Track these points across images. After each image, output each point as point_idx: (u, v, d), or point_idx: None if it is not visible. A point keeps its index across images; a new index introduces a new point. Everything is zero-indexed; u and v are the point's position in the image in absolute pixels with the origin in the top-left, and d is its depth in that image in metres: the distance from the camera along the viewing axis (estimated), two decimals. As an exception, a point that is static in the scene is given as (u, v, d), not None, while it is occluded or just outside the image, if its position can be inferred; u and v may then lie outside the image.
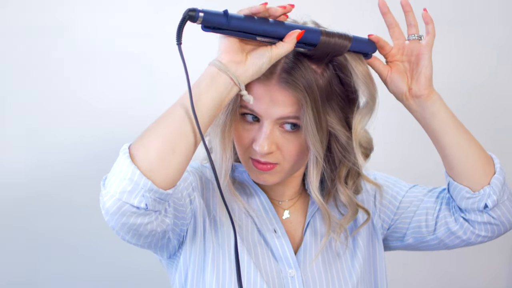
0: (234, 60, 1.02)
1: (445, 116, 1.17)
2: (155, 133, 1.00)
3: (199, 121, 1.00)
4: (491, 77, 2.00)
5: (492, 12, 1.98)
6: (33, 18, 1.72)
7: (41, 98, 1.74)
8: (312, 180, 1.16)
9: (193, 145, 1.01)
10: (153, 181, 0.98)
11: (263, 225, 1.23)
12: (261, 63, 1.04)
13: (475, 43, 1.99)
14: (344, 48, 1.09)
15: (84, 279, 1.83)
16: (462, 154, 1.19)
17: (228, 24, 1.01)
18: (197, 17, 0.99)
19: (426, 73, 1.14)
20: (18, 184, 1.75)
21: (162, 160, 0.98)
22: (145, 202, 0.98)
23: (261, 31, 1.03)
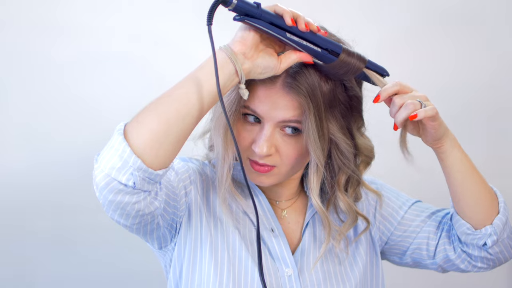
0: (246, 53, 1.03)
1: (454, 158, 1.18)
2: (151, 112, 1.00)
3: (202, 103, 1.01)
4: (491, 78, 2.00)
5: (493, 13, 1.98)
6: (32, 18, 1.72)
7: (41, 99, 1.74)
8: (313, 186, 1.17)
9: (189, 127, 1.01)
10: (143, 160, 0.98)
11: (260, 224, 1.23)
12: (268, 65, 1.05)
13: (476, 43, 1.98)
14: (358, 69, 1.09)
15: (84, 279, 1.83)
16: (467, 195, 1.21)
17: (259, 13, 1.02)
18: (230, 2, 1.01)
19: (436, 135, 1.14)
20: (17, 184, 1.75)
21: (154, 140, 0.98)
22: (133, 180, 0.98)
23: (292, 29, 1.04)
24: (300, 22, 1.04)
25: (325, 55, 1.07)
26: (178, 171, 1.20)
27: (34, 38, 1.72)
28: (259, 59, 1.05)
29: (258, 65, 1.04)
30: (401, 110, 1.08)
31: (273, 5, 1.05)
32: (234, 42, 1.04)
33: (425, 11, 1.94)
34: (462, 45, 1.98)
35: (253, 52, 1.04)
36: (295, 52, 1.07)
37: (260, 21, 1.02)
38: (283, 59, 1.06)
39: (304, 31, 1.04)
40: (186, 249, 1.21)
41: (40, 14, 1.73)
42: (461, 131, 2.00)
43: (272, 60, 1.05)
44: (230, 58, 1.02)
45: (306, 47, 1.06)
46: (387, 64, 1.90)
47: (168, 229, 1.19)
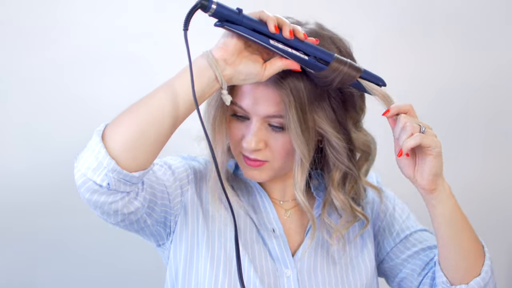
0: (226, 59, 1.02)
1: (444, 212, 1.13)
2: (128, 116, 1.01)
3: (179, 106, 1.01)
4: (491, 78, 2.00)
5: (493, 13, 1.98)
6: (32, 18, 1.72)
7: (41, 99, 1.74)
8: (297, 181, 1.15)
9: (165, 133, 1.02)
10: (118, 161, 0.98)
11: (262, 224, 1.23)
12: (250, 72, 1.04)
13: (476, 43, 1.98)
14: (351, 79, 1.07)
15: (84, 279, 1.83)
16: (453, 250, 1.16)
17: (240, 20, 1.00)
18: (209, 8, 0.99)
19: (432, 170, 1.09)
20: (17, 184, 1.75)
21: (129, 143, 0.99)
22: (108, 181, 0.99)
23: (276, 35, 1.02)
24: (285, 29, 1.02)
25: (314, 63, 1.05)
26: (176, 170, 1.21)
27: (34, 38, 1.73)
28: (241, 66, 1.04)
29: (240, 72, 1.04)
30: (402, 132, 1.06)
31: (259, 11, 1.03)
32: (216, 48, 1.03)
33: (424, 10, 1.94)
34: (462, 45, 1.98)
35: (235, 58, 1.03)
36: (281, 59, 1.05)
37: (241, 28, 1.00)
38: (268, 66, 1.05)
39: (289, 38, 1.02)
40: (182, 249, 1.21)
41: (40, 14, 1.73)
42: (460, 132, 2.02)
43: (256, 67, 1.04)
44: (210, 64, 1.01)
45: (292, 55, 1.04)
46: (384, 62, 1.92)
47: (161, 227, 1.19)
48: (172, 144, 1.08)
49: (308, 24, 1.16)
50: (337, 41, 1.15)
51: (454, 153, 1.99)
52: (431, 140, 1.06)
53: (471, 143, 2.00)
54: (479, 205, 2.03)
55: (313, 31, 1.13)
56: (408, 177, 1.12)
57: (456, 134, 1.99)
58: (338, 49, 1.13)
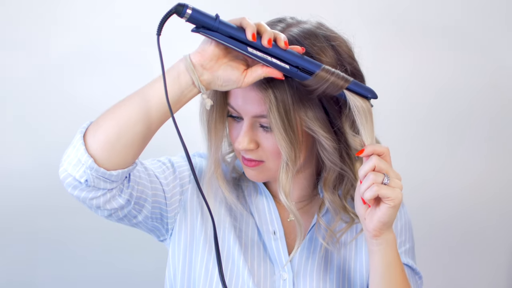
0: (204, 64, 1.01)
1: (382, 261, 1.10)
2: (106, 116, 1.02)
3: (151, 113, 1.01)
4: (492, 79, 2.00)
5: (493, 13, 1.98)
6: (32, 18, 1.72)
7: (41, 99, 1.74)
8: (282, 182, 1.13)
9: (142, 135, 1.02)
10: (96, 159, 1.00)
11: (263, 225, 1.23)
12: (229, 78, 1.03)
13: (476, 44, 1.98)
14: (338, 89, 1.05)
15: (84, 279, 1.83)
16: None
17: (216, 27, 0.98)
18: (184, 13, 0.97)
19: (382, 218, 1.06)
20: (17, 184, 1.75)
21: (106, 142, 1.00)
22: (86, 178, 1.01)
23: (254, 43, 1.00)
24: (263, 37, 1.00)
25: (295, 73, 1.03)
26: (178, 169, 1.21)
27: (34, 38, 1.72)
28: (219, 71, 1.02)
29: (218, 77, 1.03)
30: (363, 182, 1.04)
31: (240, 18, 1.01)
32: (195, 52, 1.02)
33: (424, 10, 1.93)
34: (462, 45, 1.98)
35: (213, 64, 1.02)
36: (262, 67, 1.03)
37: (217, 34, 0.99)
38: (249, 73, 1.04)
39: (266, 47, 1.00)
40: (181, 248, 1.21)
41: (40, 13, 1.72)
42: (461, 132, 2.02)
43: (235, 74, 1.03)
44: (187, 68, 1.01)
45: (272, 63, 1.02)
46: (385, 63, 1.92)
47: (158, 223, 1.19)
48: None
49: (305, 24, 1.14)
50: (334, 40, 1.13)
51: (454, 154, 1.99)
52: (391, 191, 1.03)
53: (472, 143, 2.00)
54: (480, 205, 2.03)
55: (307, 30, 1.11)
56: (359, 214, 1.10)
57: (457, 134, 1.99)
58: (332, 48, 1.11)
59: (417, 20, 1.93)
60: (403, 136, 1.94)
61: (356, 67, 1.14)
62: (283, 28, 1.12)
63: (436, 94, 1.96)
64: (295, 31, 1.11)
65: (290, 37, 1.09)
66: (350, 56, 1.14)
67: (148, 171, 1.15)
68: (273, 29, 1.12)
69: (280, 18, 1.16)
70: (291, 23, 1.14)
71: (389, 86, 1.90)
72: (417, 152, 1.97)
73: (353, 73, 1.13)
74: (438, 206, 2.00)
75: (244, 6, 1.81)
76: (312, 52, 1.09)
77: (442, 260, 2.05)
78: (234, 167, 1.26)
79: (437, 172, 1.99)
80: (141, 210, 1.13)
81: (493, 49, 1.99)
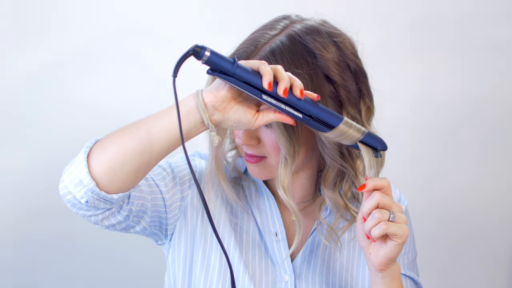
0: (216, 105, 0.99)
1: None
2: (113, 140, 1.00)
3: (156, 147, 1.00)
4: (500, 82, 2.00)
5: (494, 14, 1.97)
6: (32, 18, 1.71)
7: (41, 98, 1.73)
8: (280, 177, 1.11)
9: (145, 165, 1.01)
10: (98, 183, 0.99)
11: (265, 226, 1.22)
12: (240, 120, 1.01)
13: (482, 46, 1.97)
14: (353, 140, 1.04)
15: (84, 279, 1.82)
16: None
17: (233, 71, 0.95)
18: (202, 55, 0.94)
19: (389, 255, 1.05)
20: (17, 184, 1.74)
21: (110, 168, 0.99)
22: (87, 199, 1.00)
23: (269, 92, 0.97)
24: (280, 86, 0.96)
25: (308, 122, 1.01)
26: (178, 174, 1.20)
27: (33, 38, 1.71)
28: (231, 113, 1.00)
29: (229, 118, 1.00)
30: (368, 219, 1.03)
31: (259, 62, 0.98)
32: (208, 91, 0.99)
33: (434, 13, 1.93)
34: (468, 49, 1.97)
35: (225, 105, 0.99)
36: (274, 112, 1.01)
37: (233, 79, 0.96)
38: (260, 116, 1.02)
39: (282, 96, 0.97)
40: (181, 253, 1.21)
41: (40, 13, 1.72)
42: (463, 136, 2.02)
43: (246, 116, 1.01)
44: (198, 107, 0.98)
45: (285, 111, 1.00)
46: (390, 64, 1.92)
47: (157, 229, 1.19)
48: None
49: (309, 21, 1.15)
50: (336, 36, 1.13)
51: (458, 154, 1.99)
52: (399, 228, 1.03)
53: (473, 146, 2.00)
54: (480, 205, 2.04)
55: (310, 26, 1.12)
56: (362, 247, 1.09)
57: (459, 138, 1.99)
58: (335, 44, 1.12)
59: (427, 22, 1.93)
60: (406, 138, 1.94)
61: (359, 65, 1.15)
62: (286, 24, 1.13)
63: (440, 98, 1.96)
64: (298, 27, 1.12)
65: (293, 33, 1.10)
66: (353, 53, 1.15)
67: (148, 180, 1.15)
68: (276, 26, 1.13)
69: (285, 15, 1.17)
70: (295, 20, 1.15)
71: (395, 89, 1.90)
72: (419, 155, 1.97)
73: (356, 70, 1.14)
74: (439, 208, 2.01)
75: (249, 5, 1.80)
76: (313, 48, 1.10)
77: (442, 259, 2.05)
78: (234, 167, 1.25)
79: (439, 174, 1.99)
80: (139, 221, 1.13)
81: (498, 53, 1.98)
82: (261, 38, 1.11)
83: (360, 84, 1.15)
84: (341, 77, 1.11)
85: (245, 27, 1.17)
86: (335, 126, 1.01)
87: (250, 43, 1.12)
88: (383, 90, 1.26)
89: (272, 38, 1.11)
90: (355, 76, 1.14)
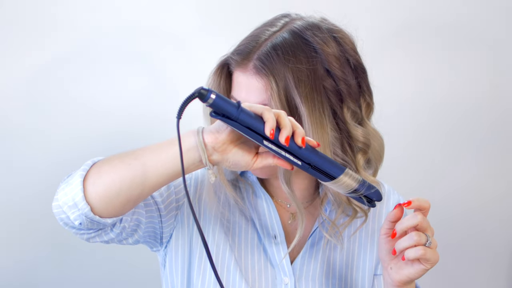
0: (216, 147, 0.98)
1: None
2: (111, 168, 1.00)
3: (150, 178, 0.99)
4: (496, 80, 1.99)
5: (494, 16, 1.97)
6: (32, 18, 1.71)
7: (41, 98, 1.73)
8: (284, 173, 1.11)
9: (141, 195, 1.01)
10: (92, 208, 1.00)
11: (264, 229, 1.21)
12: (238, 162, 1.00)
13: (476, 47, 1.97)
14: (351, 191, 1.02)
15: (84, 279, 1.82)
16: None
17: (237, 116, 0.94)
18: (207, 98, 0.92)
19: (412, 275, 1.07)
20: (17, 184, 1.74)
21: (106, 195, 0.99)
22: (80, 221, 1.01)
23: (272, 139, 0.95)
24: (282, 133, 0.95)
25: (307, 169, 0.99)
26: (173, 183, 1.19)
27: (33, 38, 1.71)
28: (230, 154, 0.99)
29: (227, 159, 0.99)
30: (404, 238, 1.03)
31: (263, 108, 0.96)
32: (209, 132, 0.98)
33: (431, 11, 1.93)
34: (467, 49, 1.97)
35: (225, 147, 0.98)
36: (273, 157, 1.00)
37: (236, 124, 0.94)
38: (259, 159, 1.01)
39: (283, 144, 0.95)
40: (179, 261, 1.21)
41: (39, 13, 1.72)
42: (464, 133, 2.02)
43: (244, 159, 1.00)
44: (198, 146, 0.97)
45: (285, 158, 0.98)
46: (387, 63, 1.92)
47: (152, 238, 1.19)
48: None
49: (309, 18, 1.16)
50: (336, 32, 1.15)
51: (458, 153, 1.99)
52: (432, 254, 1.03)
53: (476, 144, 2.00)
54: (480, 206, 2.03)
55: (310, 22, 1.14)
56: (382, 259, 1.10)
57: (458, 137, 1.99)
58: (335, 39, 1.13)
59: (425, 21, 1.93)
60: (404, 138, 1.94)
61: (358, 60, 1.16)
62: (287, 21, 1.15)
63: (438, 97, 1.96)
64: (298, 23, 1.13)
65: (294, 28, 1.12)
66: (353, 49, 1.16)
67: None
68: (277, 23, 1.15)
69: (285, 13, 1.18)
70: (295, 17, 1.16)
71: (392, 87, 1.90)
72: (418, 155, 1.97)
73: (356, 66, 1.15)
74: (439, 209, 2.00)
75: (249, 3, 1.80)
76: (314, 43, 1.11)
77: (442, 260, 2.04)
78: None
79: (438, 175, 1.98)
80: (133, 234, 1.13)
81: (497, 52, 1.98)
82: (262, 34, 1.12)
83: (360, 79, 1.16)
84: (342, 71, 1.12)
85: (245, 27, 1.19)
86: (335, 177, 0.99)
87: (251, 39, 1.13)
88: (382, 88, 1.26)
89: (273, 34, 1.12)
90: (355, 71, 1.15)
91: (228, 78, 1.17)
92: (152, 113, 1.76)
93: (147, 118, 1.76)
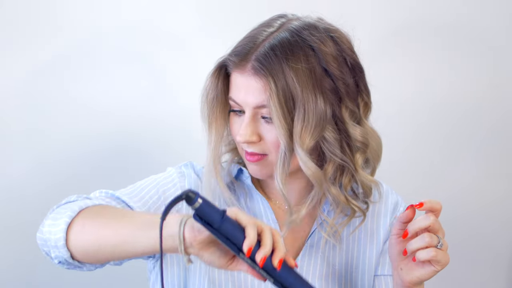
0: (193, 244, 0.94)
1: None
2: (94, 229, 1.02)
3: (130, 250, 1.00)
4: (495, 81, 1.99)
5: (494, 17, 1.97)
6: (31, 18, 1.71)
7: (41, 98, 1.73)
8: (279, 171, 1.11)
9: (120, 258, 1.05)
10: (73, 254, 1.04)
11: None
12: (213, 262, 0.97)
13: (476, 48, 1.97)
14: None
15: (84, 278, 1.82)
16: None
17: (219, 225, 0.90)
18: (194, 201, 0.90)
19: (422, 277, 1.08)
20: (17, 184, 1.74)
21: (86, 251, 1.03)
22: (60, 260, 1.05)
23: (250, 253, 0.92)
24: (259, 252, 0.91)
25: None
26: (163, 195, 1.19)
27: (33, 38, 1.71)
28: (206, 254, 0.95)
29: (203, 256, 0.96)
30: (416, 240, 1.05)
31: (248, 221, 0.92)
32: (191, 228, 0.94)
33: (431, 11, 1.93)
34: (468, 50, 1.97)
35: (202, 246, 0.94)
36: (248, 267, 0.96)
37: (216, 232, 0.91)
38: (234, 263, 0.97)
39: (258, 263, 0.91)
40: (174, 276, 1.20)
41: (39, 13, 1.72)
42: (464, 134, 2.01)
43: (220, 261, 0.96)
44: (176, 237, 0.94)
45: (259, 272, 0.93)
46: (386, 62, 1.92)
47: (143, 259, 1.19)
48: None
49: (306, 18, 1.16)
50: (333, 32, 1.15)
51: (458, 154, 1.99)
52: (443, 256, 1.05)
53: (476, 145, 1.99)
54: (480, 208, 2.03)
55: (307, 22, 1.14)
56: (392, 260, 1.10)
57: (461, 136, 1.98)
58: (332, 39, 1.13)
59: (424, 20, 1.93)
60: (403, 139, 1.93)
61: (355, 59, 1.16)
62: (283, 22, 1.15)
63: (438, 97, 1.96)
64: (295, 23, 1.14)
65: (291, 28, 1.12)
66: (350, 48, 1.16)
67: None
68: (274, 23, 1.15)
69: (281, 14, 1.18)
70: (291, 18, 1.16)
71: (392, 87, 1.90)
72: (417, 157, 1.97)
73: (353, 65, 1.15)
74: (448, 207, 2.00)
75: (249, 4, 1.80)
76: (311, 42, 1.11)
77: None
78: (228, 171, 1.23)
79: (438, 177, 1.98)
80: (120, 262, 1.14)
81: (497, 52, 1.98)
82: (259, 35, 1.12)
83: (357, 79, 1.15)
84: (340, 71, 1.12)
85: (245, 27, 1.19)
86: None
87: (249, 40, 1.13)
88: (381, 88, 1.26)
89: (271, 34, 1.12)
90: (353, 70, 1.15)
91: (226, 80, 1.17)
92: (152, 113, 1.76)
93: (147, 118, 1.76)
